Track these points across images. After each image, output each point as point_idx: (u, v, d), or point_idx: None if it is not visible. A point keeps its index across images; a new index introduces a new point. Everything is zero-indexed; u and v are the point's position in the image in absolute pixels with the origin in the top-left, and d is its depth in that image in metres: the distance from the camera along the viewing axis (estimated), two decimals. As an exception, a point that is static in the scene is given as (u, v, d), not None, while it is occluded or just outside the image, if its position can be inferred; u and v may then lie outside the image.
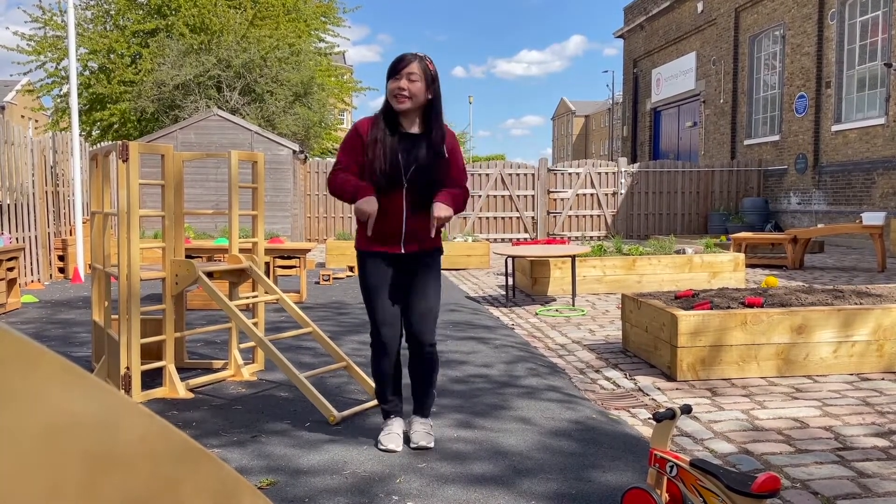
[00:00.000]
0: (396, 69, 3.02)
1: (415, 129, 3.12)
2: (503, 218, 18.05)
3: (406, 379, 3.37)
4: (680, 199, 18.53)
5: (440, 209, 3.02)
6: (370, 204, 2.99)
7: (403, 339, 3.26)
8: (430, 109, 3.11)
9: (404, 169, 3.06)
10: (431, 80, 3.06)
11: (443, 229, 3.26)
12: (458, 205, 3.15)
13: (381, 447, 3.12)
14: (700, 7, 21.65)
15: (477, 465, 2.94)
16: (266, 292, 4.41)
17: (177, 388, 4.02)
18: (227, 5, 19.83)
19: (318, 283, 9.10)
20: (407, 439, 3.20)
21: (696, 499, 2.30)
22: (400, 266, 3.17)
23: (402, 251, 3.14)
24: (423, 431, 3.18)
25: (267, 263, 7.54)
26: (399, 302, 3.20)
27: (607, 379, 4.59)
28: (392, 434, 3.17)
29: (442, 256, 3.30)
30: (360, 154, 3.10)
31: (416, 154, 3.08)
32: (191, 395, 4.03)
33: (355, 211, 3.03)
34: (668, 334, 4.55)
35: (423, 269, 3.17)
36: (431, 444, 3.13)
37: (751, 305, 4.66)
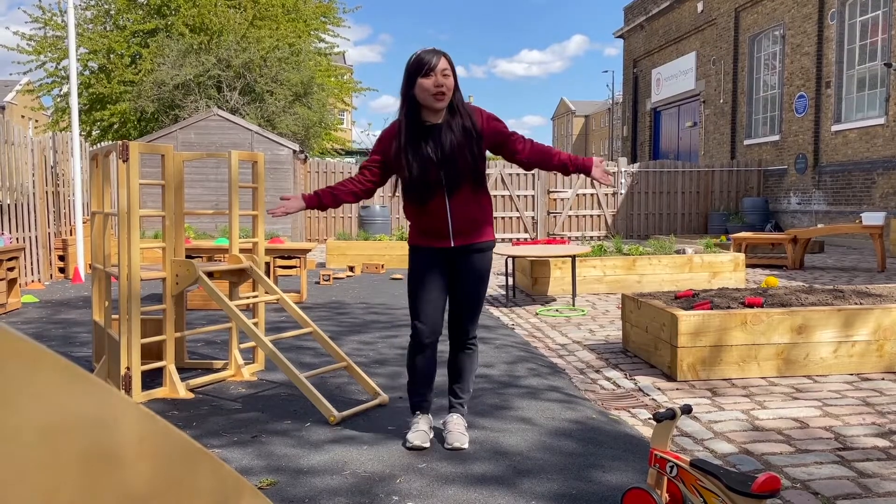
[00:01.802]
0: (431, 66, 2.99)
1: (438, 120, 3.10)
2: (503, 218, 18.05)
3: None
4: (680, 198, 18.53)
5: (602, 174, 3.16)
6: (287, 201, 3.23)
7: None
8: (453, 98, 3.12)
9: (438, 165, 3.05)
10: (454, 72, 3.08)
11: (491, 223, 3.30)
12: (556, 153, 3.20)
13: (409, 445, 3.09)
14: (700, 7, 21.65)
15: (477, 464, 2.94)
16: (266, 292, 4.40)
17: (177, 388, 4.02)
18: (227, 5, 19.83)
19: (318, 283, 9.10)
20: (440, 439, 3.19)
21: (696, 499, 2.30)
22: (450, 260, 3.17)
23: (452, 245, 3.14)
24: (458, 432, 3.15)
25: (267, 263, 7.54)
26: (443, 298, 3.20)
27: (607, 379, 4.59)
28: (420, 431, 3.14)
29: (493, 251, 3.30)
30: (380, 153, 3.19)
31: (445, 146, 3.06)
32: (191, 396, 4.03)
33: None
34: (669, 334, 4.55)
35: (472, 262, 3.18)
36: (466, 445, 3.11)
37: (751, 305, 4.66)
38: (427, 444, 3.10)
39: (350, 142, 32.21)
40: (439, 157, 3.05)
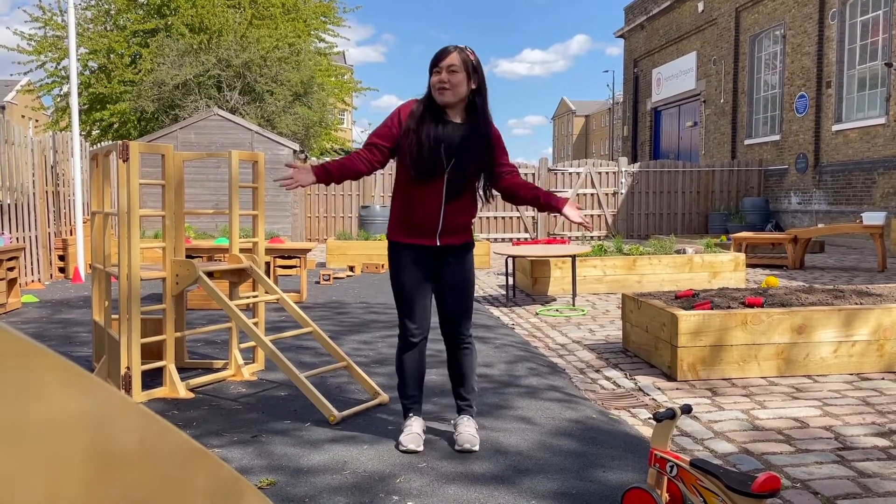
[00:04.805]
0: (437, 62, 3.01)
1: (458, 119, 3.10)
2: (503, 217, 18.05)
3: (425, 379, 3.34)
4: (680, 198, 18.53)
5: (576, 214, 3.12)
6: (297, 171, 3.06)
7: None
8: (475, 99, 3.09)
9: (446, 159, 3.04)
10: (473, 70, 3.04)
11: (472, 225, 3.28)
12: (532, 186, 3.21)
13: (402, 448, 3.07)
14: (700, 7, 21.65)
15: (477, 464, 2.94)
16: (266, 292, 4.41)
17: (177, 387, 4.02)
18: (226, 5, 19.82)
19: (318, 282, 9.10)
20: (451, 440, 3.16)
21: (696, 499, 2.30)
22: (434, 259, 3.14)
23: (438, 244, 3.11)
24: (469, 434, 3.10)
25: (267, 263, 7.54)
26: (430, 297, 3.17)
27: (608, 379, 4.59)
28: (413, 434, 3.12)
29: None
30: (390, 138, 3.11)
31: (459, 144, 3.05)
32: (191, 395, 4.03)
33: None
34: (669, 334, 4.55)
35: (457, 262, 3.16)
36: (476, 448, 3.07)
37: (751, 305, 4.66)
38: (420, 448, 3.08)
39: (350, 141, 32.20)
40: (449, 155, 3.04)
